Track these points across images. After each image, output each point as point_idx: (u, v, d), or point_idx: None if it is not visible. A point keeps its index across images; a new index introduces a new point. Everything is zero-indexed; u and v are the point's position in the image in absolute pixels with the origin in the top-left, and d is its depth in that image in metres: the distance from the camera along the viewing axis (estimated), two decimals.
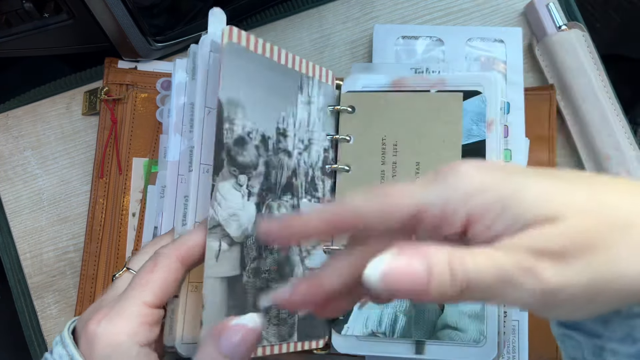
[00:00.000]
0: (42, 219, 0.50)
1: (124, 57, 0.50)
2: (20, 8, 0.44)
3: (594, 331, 0.27)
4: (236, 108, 0.37)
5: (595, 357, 0.27)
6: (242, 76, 0.37)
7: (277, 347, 0.39)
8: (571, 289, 0.22)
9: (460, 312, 0.40)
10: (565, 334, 0.29)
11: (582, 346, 0.28)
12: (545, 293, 0.22)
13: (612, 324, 0.26)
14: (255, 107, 0.38)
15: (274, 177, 0.40)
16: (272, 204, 0.40)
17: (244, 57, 0.37)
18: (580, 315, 0.24)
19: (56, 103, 0.52)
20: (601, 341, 0.27)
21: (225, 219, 0.36)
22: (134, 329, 0.32)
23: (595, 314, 0.24)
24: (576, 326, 0.27)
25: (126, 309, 0.32)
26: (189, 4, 0.48)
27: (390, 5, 0.54)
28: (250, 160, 0.38)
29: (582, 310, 0.23)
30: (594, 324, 0.26)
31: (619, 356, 0.26)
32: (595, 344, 0.27)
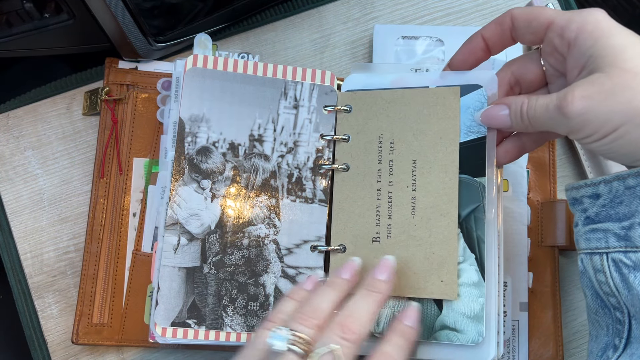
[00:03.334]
0: (42, 219, 0.50)
1: (124, 58, 0.50)
2: (20, 8, 0.44)
3: (626, 214, 0.33)
4: (199, 123, 0.43)
5: (619, 240, 0.33)
6: (207, 94, 0.43)
7: (245, 335, 0.42)
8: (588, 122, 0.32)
9: (458, 313, 0.39)
10: (593, 228, 0.35)
11: (607, 235, 0.34)
12: (573, 130, 0.33)
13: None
14: (222, 119, 0.44)
15: (246, 179, 0.44)
16: (244, 204, 0.43)
17: (210, 77, 0.43)
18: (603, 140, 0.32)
19: (57, 103, 0.52)
20: (630, 220, 0.33)
21: (185, 218, 0.42)
22: None
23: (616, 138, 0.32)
24: (606, 218, 0.34)
25: None
26: (189, 5, 0.48)
27: (390, 5, 0.54)
28: (215, 167, 0.43)
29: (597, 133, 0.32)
30: (628, 205, 0.33)
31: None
32: (623, 225, 0.33)
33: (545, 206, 0.49)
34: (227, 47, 0.53)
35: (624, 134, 0.31)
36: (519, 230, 0.48)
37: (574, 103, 0.32)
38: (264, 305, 0.42)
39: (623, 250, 0.33)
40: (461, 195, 0.40)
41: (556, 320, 0.48)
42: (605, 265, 0.34)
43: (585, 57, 0.33)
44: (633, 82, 0.31)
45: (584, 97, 0.31)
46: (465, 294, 0.39)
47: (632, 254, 0.33)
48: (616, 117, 0.31)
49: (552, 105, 0.33)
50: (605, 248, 0.34)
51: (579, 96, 0.32)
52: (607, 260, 0.34)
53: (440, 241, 0.40)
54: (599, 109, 0.31)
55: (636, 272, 0.32)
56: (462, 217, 0.40)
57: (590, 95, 0.31)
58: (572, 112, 0.32)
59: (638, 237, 0.32)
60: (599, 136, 0.32)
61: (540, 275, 0.48)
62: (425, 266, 0.40)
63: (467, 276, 0.39)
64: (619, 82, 0.31)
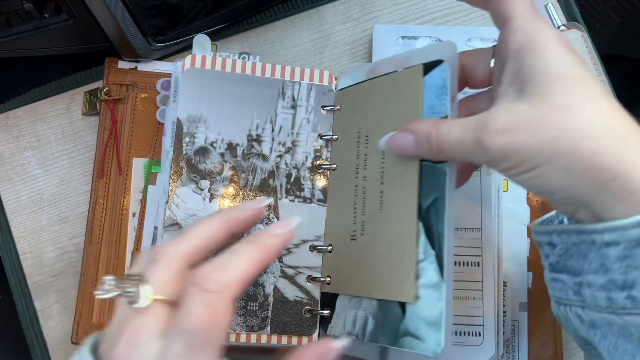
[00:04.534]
0: (42, 219, 0.50)
1: (124, 57, 0.50)
2: (20, 8, 0.44)
3: (577, 269, 0.31)
4: (197, 123, 0.43)
5: (575, 295, 0.31)
6: (205, 94, 0.43)
7: (245, 335, 0.42)
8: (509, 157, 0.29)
9: (419, 318, 0.35)
10: (554, 277, 0.33)
11: (566, 287, 0.32)
12: (492, 162, 0.30)
13: (589, 257, 0.30)
14: (220, 119, 0.44)
15: (244, 180, 0.43)
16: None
17: (208, 78, 0.43)
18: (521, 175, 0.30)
19: (56, 103, 0.52)
20: (580, 277, 0.31)
21: (183, 218, 0.42)
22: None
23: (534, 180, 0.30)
24: (563, 269, 0.32)
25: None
26: (189, 4, 0.48)
27: (390, 5, 0.54)
28: (214, 167, 0.43)
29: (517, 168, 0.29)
30: (577, 261, 0.31)
31: (593, 288, 0.30)
32: (575, 282, 0.31)
33: (545, 206, 0.49)
34: (227, 47, 0.53)
35: (542, 173, 0.29)
36: (519, 230, 0.48)
37: (496, 135, 0.29)
38: (263, 305, 0.42)
39: (580, 306, 0.31)
40: (424, 185, 0.36)
41: (556, 320, 0.48)
42: (570, 317, 0.32)
43: (520, 76, 0.30)
44: (559, 121, 0.28)
45: (507, 130, 0.29)
46: (425, 296, 0.35)
47: (588, 310, 0.31)
48: (537, 156, 0.28)
49: (469, 137, 0.30)
50: (566, 300, 0.32)
51: (501, 128, 0.29)
52: (571, 312, 0.32)
53: (400, 236, 0.37)
54: (521, 144, 0.29)
55: (595, 329, 0.31)
56: (423, 209, 0.36)
57: (514, 129, 0.29)
58: (492, 145, 0.29)
59: (588, 297, 0.30)
60: (518, 171, 0.29)
61: (540, 275, 0.48)
62: (389, 264, 0.37)
63: (427, 276, 0.35)
64: (545, 118, 0.28)
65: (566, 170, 0.28)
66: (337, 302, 0.42)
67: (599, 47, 0.51)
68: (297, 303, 0.43)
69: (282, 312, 0.42)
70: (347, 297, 0.41)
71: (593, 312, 0.30)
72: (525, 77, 0.29)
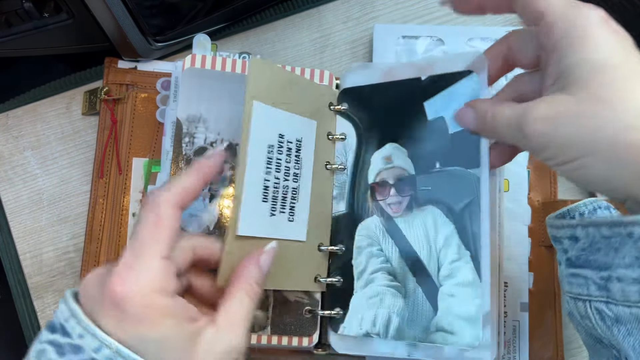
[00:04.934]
0: (42, 219, 0.50)
1: (124, 57, 0.50)
2: (20, 8, 0.44)
3: (604, 263, 0.30)
4: (197, 123, 0.43)
5: (599, 289, 0.31)
6: (205, 95, 0.43)
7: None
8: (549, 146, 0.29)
9: (454, 315, 0.38)
10: (573, 273, 0.33)
11: (588, 282, 0.32)
12: (533, 150, 0.31)
13: (622, 251, 0.29)
14: (219, 119, 0.44)
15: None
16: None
17: (207, 78, 0.43)
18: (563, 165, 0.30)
19: (56, 103, 0.52)
20: (608, 272, 0.30)
21: (184, 219, 0.42)
22: (162, 284, 0.30)
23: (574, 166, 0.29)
24: (585, 264, 0.32)
25: (148, 266, 0.30)
26: (189, 4, 0.48)
27: (390, 5, 0.54)
28: None
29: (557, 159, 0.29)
30: (605, 255, 0.30)
31: (624, 282, 0.29)
32: (602, 276, 0.31)
33: (546, 206, 0.49)
34: (227, 47, 0.52)
35: (585, 165, 0.28)
36: (520, 230, 0.48)
37: (535, 124, 0.29)
38: (264, 306, 0.42)
39: (604, 301, 0.31)
40: (454, 189, 0.39)
41: (557, 321, 0.47)
42: (589, 313, 0.32)
43: (562, 68, 0.30)
44: (602, 113, 0.28)
45: (546, 118, 0.29)
46: (461, 294, 0.38)
47: (613, 306, 0.30)
48: (577, 146, 0.28)
49: (514, 122, 0.31)
50: (587, 295, 0.32)
51: (541, 117, 0.29)
52: (591, 308, 0.32)
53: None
54: (560, 134, 0.28)
55: (619, 325, 0.30)
56: (456, 212, 0.39)
57: (553, 118, 0.29)
58: (531, 133, 0.29)
59: (617, 291, 0.30)
60: (558, 162, 0.29)
61: (541, 276, 0.48)
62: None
63: (462, 275, 0.38)
64: (586, 109, 0.28)
65: (608, 163, 0.28)
66: (352, 301, 0.42)
67: None
68: (297, 303, 0.43)
69: (282, 313, 0.42)
70: (364, 297, 0.41)
71: (620, 307, 0.30)
72: (568, 68, 0.29)
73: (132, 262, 0.30)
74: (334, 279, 0.42)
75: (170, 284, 0.31)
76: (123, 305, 0.29)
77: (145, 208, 0.32)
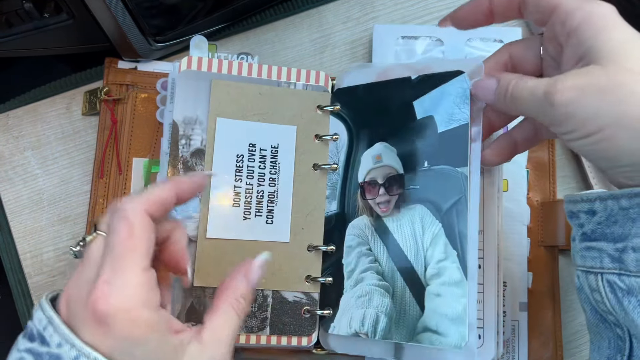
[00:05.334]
0: (42, 219, 0.50)
1: (124, 57, 0.50)
2: (20, 8, 0.44)
3: (620, 235, 0.31)
4: (193, 125, 0.43)
5: (613, 261, 0.32)
6: (201, 96, 0.43)
7: (244, 336, 0.42)
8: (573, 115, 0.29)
9: (440, 314, 0.37)
10: (588, 246, 0.34)
11: (601, 255, 0.32)
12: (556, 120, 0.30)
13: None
14: None
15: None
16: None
17: (204, 80, 0.43)
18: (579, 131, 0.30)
19: (56, 103, 0.52)
20: (624, 243, 0.31)
21: (180, 220, 0.41)
22: (144, 297, 0.30)
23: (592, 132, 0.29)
24: (601, 237, 0.32)
25: (129, 281, 0.29)
26: (189, 4, 0.48)
27: (390, 5, 0.54)
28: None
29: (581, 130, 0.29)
30: (622, 227, 0.31)
31: (639, 252, 0.30)
32: (617, 247, 0.31)
33: (545, 206, 0.49)
34: (227, 47, 0.53)
35: (608, 136, 0.29)
36: (519, 230, 0.48)
37: (563, 91, 0.29)
38: (262, 306, 0.42)
39: (617, 273, 0.32)
40: (441, 188, 0.39)
41: (556, 321, 0.48)
42: (600, 286, 0.33)
43: (584, 48, 0.30)
44: (630, 82, 0.28)
45: (575, 87, 0.29)
46: (447, 294, 0.37)
47: (626, 277, 0.31)
48: (604, 116, 0.28)
49: (540, 90, 0.31)
50: (599, 268, 0.33)
51: (570, 85, 0.29)
52: (602, 280, 0.33)
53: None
54: (588, 103, 0.29)
55: (630, 297, 0.31)
56: (443, 211, 0.38)
57: (582, 87, 0.29)
58: (559, 100, 0.29)
59: (631, 262, 0.31)
60: (581, 134, 0.30)
61: (540, 276, 0.48)
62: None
63: (448, 275, 0.37)
64: (615, 79, 0.28)
65: (633, 133, 0.28)
66: (342, 301, 0.42)
67: None
68: (296, 303, 0.43)
69: (281, 313, 0.42)
70: (353, 296, 0.41)
71: (632, 278, 0.31)
72: (592, 47, 0.30)
73: (111, 277, 0.29)
74: (324, 279, 0.43)
75: (153, 296, 0.30)
76: (107, 323, 0.28)
77: (115, 217, 0.30)
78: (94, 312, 0.28)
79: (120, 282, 0.29)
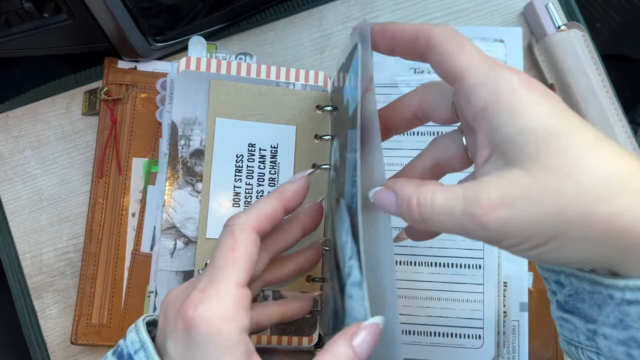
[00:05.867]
0: (41, 219, 0.50)
1: (123, 57, 0.50)
2: (20, 8, 0.44)
3: (590, 316, 0.28)
4: (192, 125, 0.43)
5: (588, 340, 0.28)
6: (200, 97, 0.43)
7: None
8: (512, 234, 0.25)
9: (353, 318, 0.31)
10: (563, 317, 0.30)
11: (577, 330, 0.29)
12: (492, 240, 0.26)
13: (606, 309, 0.27)
14: None
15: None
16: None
17: (203, 80, 0.43)
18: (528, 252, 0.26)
19: (56, 103, 0.52)
20: (595, 326, 0.28)
21: (180, 222, 0.42)
22: (232, 314, 0.29)
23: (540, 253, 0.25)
24: (574, 310, 0.29)
25: (221, 291, 0.29)
26: (189, 4, 0.48)
27: (390, 5, 0.54)
28: None
29: (524, 245, 0.25)
30: (590, 308, 0.28)
31: (610, 340, 0.27)
32: (589, 328, 0.28)
33: None
34: (227, 47, 0.52)
35: (556, 247, 0.25)
36: None
37: (493, 210, 0.24)
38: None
39: (595, 352, 0.28)
40: (348, 178, 0.34)
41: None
42: (582, 359, 0.30)
43: (498, 139, 0.26)
44: (564, 187, 0.24)
45: (504, 203, 0.24)
46: (354, 295, 0.31)
47: (604, 358, 0.28)
48: (546, 230, 0.24)
49: (459, 210, 0.25)
50: (578, 342, 0.29)
51: (498, 201, 0.24)
52: (584, 354, 0.29)
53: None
54: (524, 220, 0.24)
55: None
56: (348, 202, 0.33)
57: (512, 202, 0.24)
58: (490, 223, 0.25)
59: (604, 348, 0.27)
60: (525, 248, 0.25)
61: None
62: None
63: (354, 274, 0.32)
64: (547, 185, 0.24)
65: (582, 241, 0.24)
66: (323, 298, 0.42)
67: (599, 47, 0.51)
68: None
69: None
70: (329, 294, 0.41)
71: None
72: (505, 139, 0.25)
73: (206, 287, 0.29)
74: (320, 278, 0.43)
75: (242, 317, 0.29)
76: (190, 330, 0.28)
77: (223, 232, 0.32)
78: (182, 319, 0.28)
79: (212, 291, 0.29)
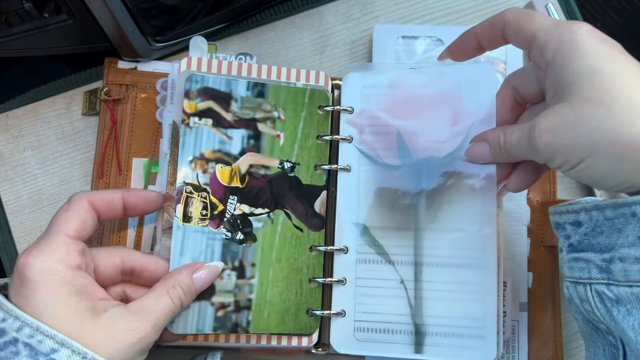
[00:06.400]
0: (42, 219, 0.50)
1: (124, 57, 0.50)
2: (20, 8, 0.44)
3: (606, 245, 0.32)
4: None
5: (601, 272, 0.33)
6: None
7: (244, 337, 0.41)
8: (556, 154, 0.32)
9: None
10: (574, 257, 0.35)
11: (589, 265, 0.33)
12: (546, 160, 0.33)
13: (626, 230, 0.31)
14: None
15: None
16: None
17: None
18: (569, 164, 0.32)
19: (56, 103, 0.52)
20: (610, 253, 0.32)
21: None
22: (63, 256, 0.33)
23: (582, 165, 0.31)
24: (588, 248, 0.34)
25: (52, 240, 0.34)
26: (189, 4, 0.48)
27: (390, 5, 0.54)
28: None
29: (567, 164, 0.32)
30: (608, 238, 0.32)
31: (626, 261, 0.31)
32: (604, 258, 0.32)
33: (545, 206, 0.49)
34: (227, 47, 0.53)
35: (590, 165, 0.31)
36: (519, 230, 0.48)
37: (540, 136, 0.32)
38: None
39: (605, 283, 0.32)
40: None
41: (556, 321, 0.48)
42: (589, 296, 0.33)
43: (558, 81, 0.32)
44: (595, 113, 0.30)
45: (549, 129, 0.31)
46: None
47: (614, 287, 0.32)
48: (580, 149, 0.31)
49: (524, 139, 0.33)
50: (587, 279, 0.34)
51: (544, 129, 0.32)
52: (591, 291, 0.33)
53: None
54: (563, 142, 0.31)
55: (619, 306, 0.32)
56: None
57: (555, 128, 0.31)
58: (539, 145, 0.32)
59: (619, 272, 0.32)
60: (568, 166, 0.32)
61: (540, 276, 0.48)
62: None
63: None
64: (581, 113, 0.30)
65: (610, 159, 0.30)
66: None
67: None
68: None
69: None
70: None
71: (621, 288, 0.31)
72: (563, 81, 0.31)
73: (39, 240, 0.35)
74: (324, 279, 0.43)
75: (73, 258, 0.34)
76: (23, 272, 0.32)
77: (66, 202, 0.37)
78: (17, 267, 0.33)
79: (42, 242, 0.34)
